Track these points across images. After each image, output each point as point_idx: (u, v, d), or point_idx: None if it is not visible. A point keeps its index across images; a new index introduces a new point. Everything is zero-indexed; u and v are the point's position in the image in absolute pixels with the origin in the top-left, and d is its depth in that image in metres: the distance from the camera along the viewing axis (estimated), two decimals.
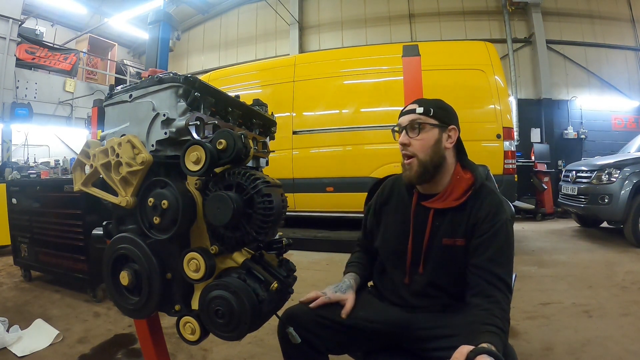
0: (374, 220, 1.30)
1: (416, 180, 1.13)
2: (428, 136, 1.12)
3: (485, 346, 0.80)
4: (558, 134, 8.22)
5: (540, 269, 3.59)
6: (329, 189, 4.61)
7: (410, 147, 1.12)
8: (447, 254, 1.10)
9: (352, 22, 9.55)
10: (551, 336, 2.15)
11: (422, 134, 1.12)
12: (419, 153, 1.11)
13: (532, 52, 8.47)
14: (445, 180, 1.14)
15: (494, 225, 1.07)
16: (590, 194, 4.77)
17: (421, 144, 1.11)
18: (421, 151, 1.11)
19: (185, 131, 0.96)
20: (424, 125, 1.12)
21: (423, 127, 1.12)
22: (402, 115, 1.18)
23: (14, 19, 7.22)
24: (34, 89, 8.10)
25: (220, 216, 0.88)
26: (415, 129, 1.12)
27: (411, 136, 1.12)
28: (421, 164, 1.11)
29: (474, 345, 0.80)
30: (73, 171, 1.10)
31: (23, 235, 3.27)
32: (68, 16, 9.94)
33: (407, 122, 1.14)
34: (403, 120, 1.15)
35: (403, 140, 1.13)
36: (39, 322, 2.31)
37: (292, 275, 1.18)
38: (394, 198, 1.25)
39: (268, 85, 5.10)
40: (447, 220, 1.11)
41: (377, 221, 1.28)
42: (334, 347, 1.16)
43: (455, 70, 4.25)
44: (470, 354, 0.77)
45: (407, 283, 1.16)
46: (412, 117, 1.13)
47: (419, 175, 1.12)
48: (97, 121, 2.11)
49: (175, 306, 1.00)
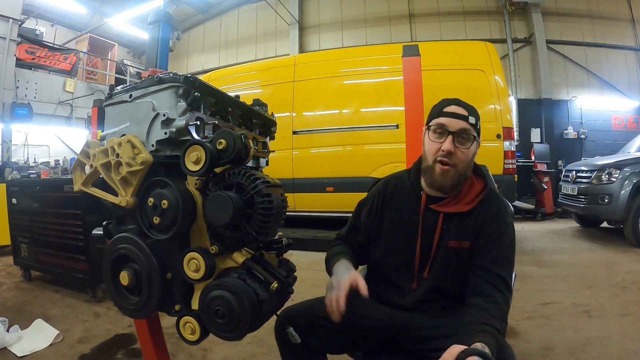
0: (374, 221, 1.23)
1: (449, 189, 1.10)
2: (471, 150, 1.08)
3: (479, 346, 0.79)
4: (558, 134, 8.22)
5: (540, 269, 3.59)
6: (329, 189, 4.61)
7: (454, 156, 1.06)
8: (452, 257, 1.09)
9: (352, 22, 9.56)
10: (551, 336, 2.15)
11: (470, 146, 1.07)
12: (460, 164, 1.07)
13: (532, 52, 8.47)
14: None
15: (499, 227, 1.07)
16: (590, 194, 4.77)
17: (465, 156, 1.07)
18: (462, 164, 1.07)
19: (185, 131, 0.96)
20: (471, 136, 1.07)
21: (470, 140, 1.07)
22: (448, 115, 1.08)
23: (14, 19, 7.22)
24: (34, 89, 8.10)
25: (220, 216, 0.88)
26: (464, 139, 1.07)
27: (458, 146, 1.06)
28: (458, 175, 1.08)
29: (466, 345, 0.79)
30: (73, 171, 1.10)
31: (23, 235, 3.27)
32: (68, 16, 9.94)
33: (459, 129, 1.06)
34: (452, 125, 1.07)
35: (449, 148, 1.05)
36: (39, 322, 2.31)
37: (292, 275, 1.17)
38: (397, 199, 1.21)
39: (268, 85, 5.10)
40: (455, 224, 1.10)
41: (379, 223, 1.22)
42: (333, 347, 1.15)
43: (455, 70, 4.25)
44: (461, 355, 0.76)
45: (415, 288, 1.13)
46: (464, 127, 1.06)
47: (453, 186, 1.09)
48: (97, 121, 2.11)
49: (175, 306, 1.00)
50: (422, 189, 1.16)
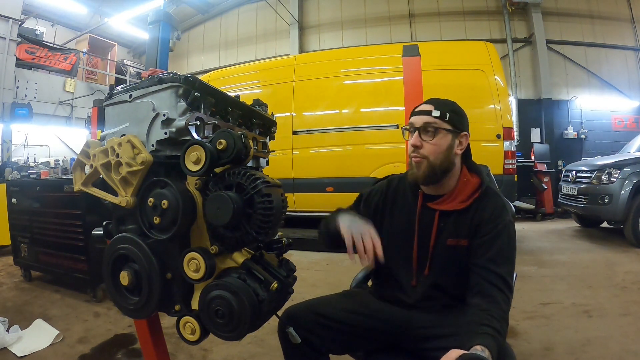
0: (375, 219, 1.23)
1: (422, 181, 1.12)
2: (441, 142, 1.09)
3: (479, 349, 0.78)
4: (558, 134, 8.22)
5: (540, 269, 3.59)
6: (329, 189, 4.61)
7: (421, 149, 1.10)
8: (451, 255, 1.10)
9: (352, 22, 9.55)
10: (551, 336, 2.15)
11: (436, 139, 1.09)
12: (430, 156, 1.09)
13: (532, 52, 8.47)
14: (451, 183, 1.14)
15: (497, 226, 1.07)
16: (590, 194, 4.77)
17: (434, 149, 1.09)
18: (432, 155, 1.09)
19: (185, 131, 0.96)
20: (439, 130, 1.09)
21: (437, 132, 1.09)
22: (415, 114, 1.14)
23: (14, 19, 7.22)
24: (34, 89, 8.10)
25: (220, 216, 0.88)
26: (429, 132, 1.09)
27: (424, 139, 1.09)
28: (430, 166, 1.09)
29: (466, 348, 0.78)
30: (73, 171, 1.10)
31: (23, 235, 3.27)
32: (68, 16, 9.94)
33: (421, 123, 1.10)
34: (417, 121, 1.11)
35: (415, 142, 1.10)
36: (39, 322, 2.31)
37: (292, 275, 1.17)
38: (400, 198, 1.23)
39: (268, 85, 5.10)
40: (452, 221, 1.11)
41: (380, 220, 1.23)
42: (335, 347, 1.15)
43: (455, 70, 4.25)
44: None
45: (415, 285, 1.14)
46: (427, 120, 1.10)
47: (426, 177, 1.10)
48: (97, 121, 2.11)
49: (175, 306, 1.00)
50: (419, 187, 1.17)
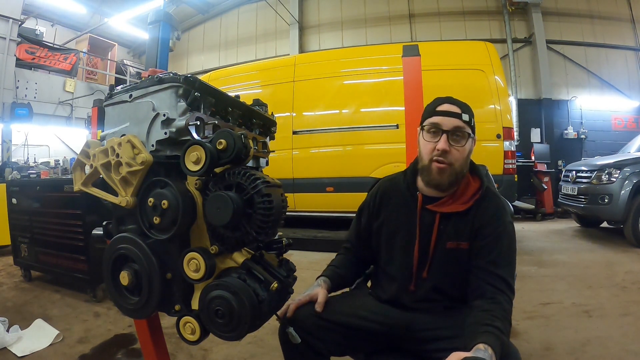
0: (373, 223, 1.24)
1: (446, 187, 1.10)
2: (466, 147, 1.08)
3: (481, 347, 0.78)
4: (558, 134, 8.22)
5: (540, 269, 3.59)
6: (329, 189, 4.61)
7: (449, 155, 1.05)
8: (450, 258, 1.09)
9: (352, 22, 9.56)
10: (551, 336, 2.15)
11: (464, 144, 1.07)
12: (456, 162, 1.06)
13: (532, 52, 8.47)
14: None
15: (498, 228, 1.06)
16: (590, 194, 4.77)
17: (460, 154, 1.06)
18: (458, 162, 1.06)
19: (185, 131, 0.96)
20: (467, 134, 1.07)
21: (465, 137, 1.07)
22: (441, 114, 1.08)
23: (14, 19, 7.22)
24: (34, 89, 8.10)
25: (220, 216, 0.88)
26: (458, 137, 1.06)
27: (452, 144, 1.06)
28: (454, 173, 1.07)
29: (470, 348, 0.78)
30: (73, 171, 1.10)
31: (23, 235, 3.27)
32: (68, 16, 9.94)
33: (451, 127, 1.06)
34: (445, 123, 1.06)
35: (444, 146, 1.05)
36: (39, 322, 2.31)
37: (292, 275, 1.17)
38: (394, 200, 1.21)
39: (268, 85, 5.10)
40: (452, 224, 1.10)
41: (378, 224, 1.22)
42: (335, 348, 1.15)
43: (455, 70, 4.25)
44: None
45: (414, 289, 1.13)
46: (459, 124, 1.06)
47: (450, 184, 1.08)
48: (97, 121, 2.11)
49: (175, 306, 1.00)
50: (417, 189, 1.16)
